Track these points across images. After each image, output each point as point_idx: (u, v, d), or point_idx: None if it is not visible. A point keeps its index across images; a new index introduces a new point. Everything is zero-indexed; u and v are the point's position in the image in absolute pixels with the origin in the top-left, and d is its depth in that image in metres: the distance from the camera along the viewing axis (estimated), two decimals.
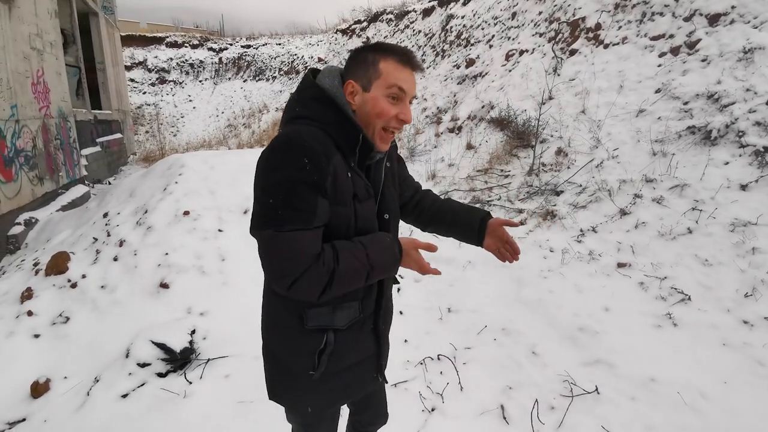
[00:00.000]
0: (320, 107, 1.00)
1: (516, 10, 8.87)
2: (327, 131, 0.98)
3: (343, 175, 0.97)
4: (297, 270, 0.90)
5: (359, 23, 16.07)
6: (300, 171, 0.90)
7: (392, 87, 0.98)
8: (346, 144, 0.99)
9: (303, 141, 0.92)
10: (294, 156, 0.90)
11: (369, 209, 1.05)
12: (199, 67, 19.93)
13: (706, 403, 2.17)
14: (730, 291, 2.93)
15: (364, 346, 1.17)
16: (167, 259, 3.24)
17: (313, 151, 0.91)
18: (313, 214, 0.92)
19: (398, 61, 0.99)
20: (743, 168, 3.72)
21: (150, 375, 2.32)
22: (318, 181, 0.91)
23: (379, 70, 0.98)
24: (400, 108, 1.00)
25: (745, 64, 4.44)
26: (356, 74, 1.01)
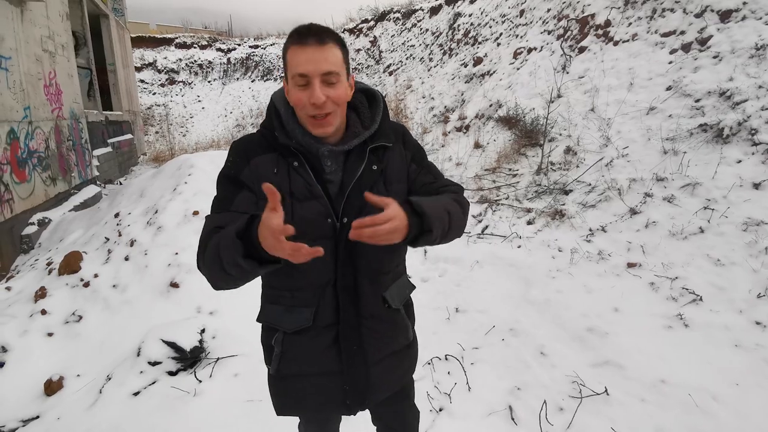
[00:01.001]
0: (267, 114, 1.09)
1: (524, 8, 8.80)
2: (264, 134, 1.06)
3: (266, 171, 1.00)
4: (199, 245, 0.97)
5: (366, 22, 16.07)
6: (225, 166, 1.04)
7: (294, 76, 0.94)
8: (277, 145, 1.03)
9: (236, 143, 1.07)
10: (227, 155, 1.06)
11: (312, 210, 0.99)
12: (207, 67, 20.09)
13: (718, 405, 2.14)
14: (743, 291, 2.89)
15: (320, 359, 1.09)
16: (177, 259, 3.28)
17: (236, 150, 1.05)
18: (230, 200, 0.99)
19: (295, 44, 0.94)
20: (756, 166, 3.65)
21: (161, 373, 2.35)
22: (233, 174, 1.01)
23: (287, 62, 0.97)
24: (309, 93, 0.94)
25: (757, 60, 4.36)
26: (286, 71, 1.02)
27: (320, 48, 0.93)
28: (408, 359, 1.22)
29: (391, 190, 1.06)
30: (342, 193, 1.02)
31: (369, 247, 0.97)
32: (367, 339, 1.09)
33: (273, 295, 1.10)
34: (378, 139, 1.06)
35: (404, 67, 12.53)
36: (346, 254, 1.02)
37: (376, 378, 1.13)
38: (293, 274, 1.03)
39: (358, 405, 1.14)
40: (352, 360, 1.09)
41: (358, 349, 1.09)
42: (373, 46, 14.87)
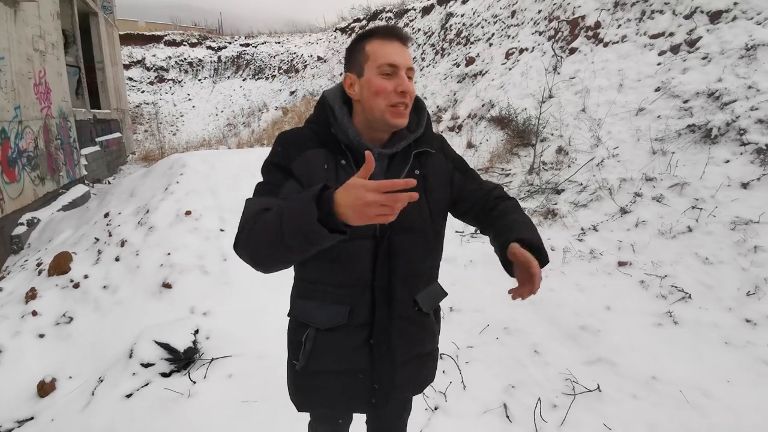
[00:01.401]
0: (317, 110, 1.10)
1: (515, 9, 8.86)
2: (315, 131, 1.06)
3: (317, 165, 1.01)
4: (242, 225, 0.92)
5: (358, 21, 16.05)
6: (273, 155, 1.03)
7: (381, 65, 0.98)
8: (328, 142, 1.04)
9: (286, 134, 1.06)
10: (274, 146, 1.05)
11: None
12: (198, 65, 19.90)
13: (709, 401, 2.18)
14: (732, 290, 2.95)
15: (351, 357, 1.09)
16: (169, 259, 3.25)
17: (286, 141, 1.04)
18: (279, 187, 0.98)
19: (382, 38, 1.00)
20: (744, 166, 3.72)
21: (154, 375, 2.32)
22: (283, 163, 1.01)
23: (366, 53, 1.00)
24: (395, 81, 0.98)
25: (747, 61, 4.44)
26: (351, 66, 1.04)
27: (403, 46, 1.02)
28: (432, 363, 1.24)
29: (431, 198, 1.09)
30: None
31: (406, 249, 1.06)
32: (396, 340, 1.10)
33: (308, 290, 1.09)
34: (422, 144, 1.09)
35: None
36: (384, 255, 1.04)
37: (402, 379, 1.14)
38: (334, 270, 1.04)
39: (383, 404, 1.14)
40: (382, 359, 1.10)
41: (387, 349, 1.10)
42: None
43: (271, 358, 2.61)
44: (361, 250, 1.03)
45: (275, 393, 2.30)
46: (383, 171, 1.05)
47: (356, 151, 1.03)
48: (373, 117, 1.01)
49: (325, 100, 1.09)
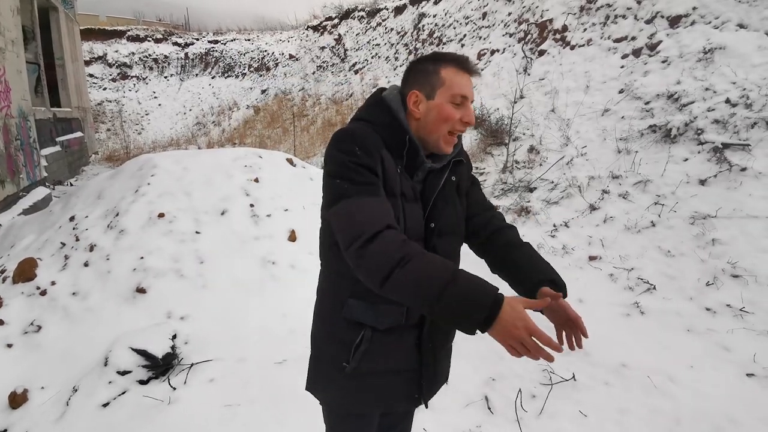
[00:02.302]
0: (376, 110, 1.09)
1: (486, 11, 9.05)
2: (377, 131, 1.05)
3: (391, 167, 1.02)
4: (371, 230, 0.90)
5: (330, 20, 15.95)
6: (353, 156, 0.98)
7: (455, 95, 1.03)
8: (393, 144, 1.05)
9: (354, 133, 1.02)
10: (347, 146, 1.00)
11: (415, 212, 1.06)
12: (163, 62, 19.26)
13: (675, 386, 2.32)
14: (692, 280, 3.13)
15: (402, 357, 1.12)
16: (143, 263, 3.15)
17: (363, 141, 1.00)
18: (377, 187, 0.97)
19: (458, 68, 1.04)
20: (702, 164, 3.96)
21: (131, 383, 2.26)
22: (370, 164, 0.98)
23: (441, 78, 1.03)
24: (463, 112, 1.04)
25: (704, 64, 4.71)
26: (419, 84, 1.06)
27: (472, 79, 1.07)
28: (451, 353, 1.31)
29: (462, 203, 1.18)
30: (427, 199, 1.09)
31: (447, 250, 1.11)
32: (436, 336, 1.15)
33: (363, 290, 1.04)
34: (459, 155, 1.16)
35: (370, 65, 12.55)
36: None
37: (440, 372, 1.21)
38: None
39: (426, 398, 1.19)
40: (428, 357, 1.14)
41: (431, 347, 1.14)
42: (338, 44, 14.79)
43: (252, 361, 2.59)
44: None
45: (258, 396, 2.28)
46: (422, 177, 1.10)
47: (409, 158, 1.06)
48: (428, 138, 1.06)
49: (387, 103, 1.09)
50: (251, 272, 3.29)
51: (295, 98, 14.05)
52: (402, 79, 1.13)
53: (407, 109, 1.09)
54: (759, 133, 3.85)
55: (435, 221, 1.09)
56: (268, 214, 3.79)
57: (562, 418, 2.18)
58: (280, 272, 3.37)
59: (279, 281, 3.29)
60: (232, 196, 3.85)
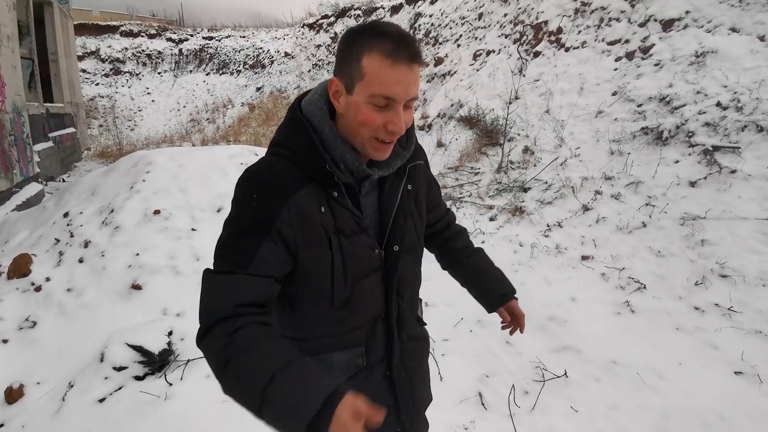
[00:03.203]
0: (292, 132, 0.87)
1: (482, 11, 9.09)
2: (295, 161, 0.84)
3: (311, 210, 0.82)
4: (204, 323, 0.77)
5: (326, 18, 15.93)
6: (245, 207, 0.81)
7: (375, 96, 0.78)
8: (317, 173, 0.84)
9: (256, 174, 0.83)
10: (245, 190, 0.82)
11: (361, 244, 0.88)
12: (157, 58, 19.11)
13: (664, 383, 2.37)
14: (682, 280, 3.19)
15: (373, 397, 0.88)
16: (138, 260, 3.16)
17: (264, 185, 0.81)
18: (250, 257, 0.78)
19: (385, 56, 0.76)
20: (692, 166, 4.03)
21: (127, 378, 2.27)
22: (265, 220, 0.79)
23: (362, 69, 0.78)
24: (388, 116, 0.80)
25: (696, 67, 4.79)
26: (341, 69, 0.82)
27: (411, 69, 0.79)
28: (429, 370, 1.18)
29: (420, 211, 1.02)
30: (384, 218, 0.93)
31: (408, 270, 0.98)
32: (409, 363, 1.03)
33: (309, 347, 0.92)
34: (414, 158, 0.98)
35: None
36: (393, 284, 0.95)
37: (420, 399, 1.09)
38: (343, 317, 0.91)
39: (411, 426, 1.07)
40: (403, 389, 1.02)
41: (405, 376, 1.02)
42: (334, 42, 14.78)
43: None
44: (373, 286, 0.93)
45: None
46: (374, 190, 0.94)
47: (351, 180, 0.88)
48: (354, 141, 0.86)
49: (306, 120, 0.86)
50: None
51: (290, 96, 14.02)
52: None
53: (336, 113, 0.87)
54: (749, 136, 3.92)
55: (399, 243, 0.94)
56: None
57: (554, 413, 2.22)
58: None
59: None
60: (228, 194, 3.83)
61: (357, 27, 0.82)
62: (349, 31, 0.83)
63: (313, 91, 0.91)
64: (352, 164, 0.86)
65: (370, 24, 0.81)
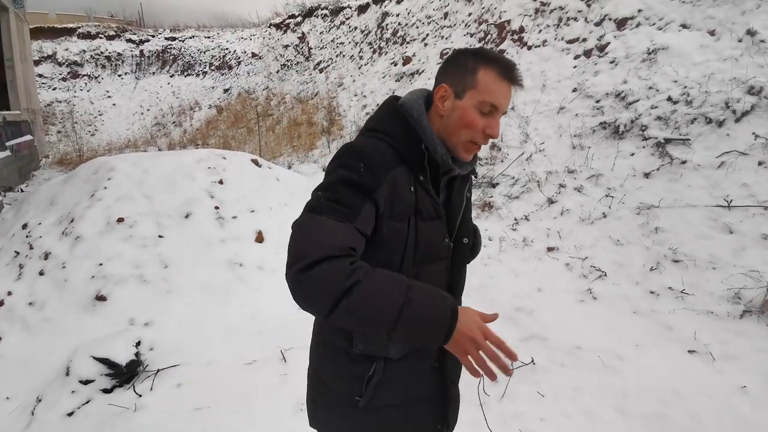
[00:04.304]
0: (390, 121, 0.99)
1: (448, 11, 9.23)
2: (392, 145, 0.96)
3: (403, 187, 0.93)
4: (318, 253, 0.79)
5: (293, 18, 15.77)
6: (353, 172, 0.89)
7: (485, 103, 0.92)
8: (411, 156, 0.95)
9: (362, 148, 0.92)
10: (351, 160, 0.91)
11: (435, 230, 0.97)
12: (117, 60, 18.45)
13: (622, 363, 2.51)
14: (638, 266, 3.37)
15: (421, 385, 1.03)
16: (102, 270, 3.08)
17: (371, 158, 0.90)
18: (356, 212, 0.86)
19: (498, 74, 0.92)
20: (646, 158, 4.24)
21: (95, 391, 2.23)
22: (369, 185, 0.88)
23: (476, 80, 0.92)
24: (488, 122, 0.94)
25: (648, 64, 5.02)
26: (451, 78, 0.96)
27: (511, 89, 0.95)
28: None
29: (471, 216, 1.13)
30: (452, 215, 1.03)
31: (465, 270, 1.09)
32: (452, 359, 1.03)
33: None
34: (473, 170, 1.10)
35: (335, 64, 12.52)
36: (456, 277, 1.04)
37: (456, 396, 1.12)
38: None
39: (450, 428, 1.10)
40: (446, 382, 1.06)
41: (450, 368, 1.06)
42: (302, 42, 14.66)
43: (221, 363, 2.59)
44: (437, 274, 1.00)
45: (228, 398, 2.29)
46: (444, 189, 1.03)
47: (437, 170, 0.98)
48: (447, 140, 0.97)
49: (405, 112, 0.99)
50: (218, 275, 3.27)
51: (259, 97, 13.82)
52: (440, 67, 1.01)
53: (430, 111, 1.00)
54: (698, 128, 4.16)
55: (467, 236, 1.05)
56: (234, 216, 3.77)
57: (522, 399, 2.32)
58: (247, 274, 3.36)
59: (247, 283, 3.29)
60: (196, 199, 3.79)
61: (471, 48, 0.99)
62: (463, 50, 0.99)
63: (410, 93, 1.03)
64: (441, 156, 0.96)
65: (482, 48, 0.98)
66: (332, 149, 8.37)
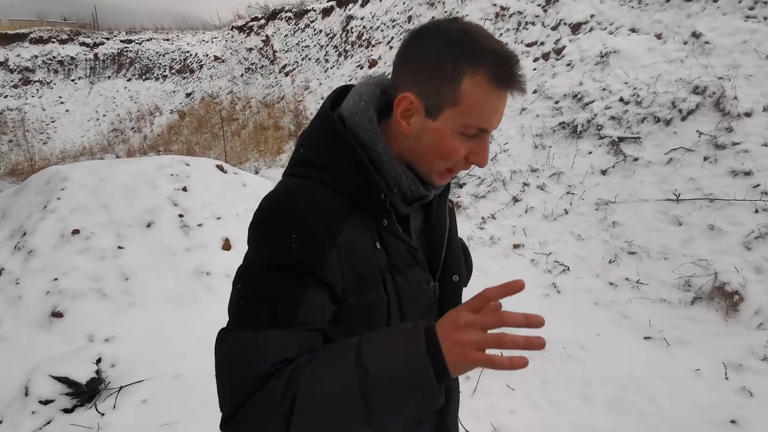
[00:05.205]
0: (330, 149, 0.68)
1: (411, 14, 9.35)
2: (336, 187, 0.67)
3: (364, 246, 0.67)
4: (238, 397, 0.58)
5: (257, 20, 15.53)
6: (281, 249, 0.62)
7: (470, 126, 0.65)
8: (366, 202, 0.68)
9: (293, 207, 0.64)
10: (278, 228, 0.63)
11: (416, 279, 0.74)
12: (70, 64, 17.58)
13: (585, 353, 2.63)
14: (598, 259, 3.53)
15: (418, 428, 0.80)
16: (57, 285, 2.95)
17: (305, 221, 0.63)
18: (295, 308, 0.61)
19: (492, 80, 0.62)
20: (603, 156, 4.45)
21: (55, 412, 2.14)
22: (309, 264, 0.62)
23: (460, 94, 0.63)
24: (473, 146, 0.67)
25: (601, 66, 5.27)
26: (420, 84, 0.65)
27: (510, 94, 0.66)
28: None
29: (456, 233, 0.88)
30: (434, 244, 0.79)
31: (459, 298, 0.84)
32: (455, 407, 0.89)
33: None
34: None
35: (300, 67, 12.42)
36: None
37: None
38: None
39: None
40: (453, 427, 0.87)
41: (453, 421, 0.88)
42: (266, 45, 14.45)
43: (189, 376, 2.53)
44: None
45: (197, 411, 2.24)
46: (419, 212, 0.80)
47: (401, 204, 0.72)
48: (414, 165, 0.70)
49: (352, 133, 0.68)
50: (184, 285, 3.19)
51: (223, 102, 13.51)
52: (396, 57, 0.69)
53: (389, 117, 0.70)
54: (648, 127, 4.39)
55: (457, 271, 0.82)
56: (200, 224, 3.68)
57: (493, 394, 2.38)
58: (215, 283, 3.29)
59: (215, 292, 3.22)
60: (159, 207, 3.68)
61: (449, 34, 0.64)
62: (439, 36, 0.64)
63: (355, 94, 0.71)
64: (408, 187, 0.70)
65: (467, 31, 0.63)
66: None
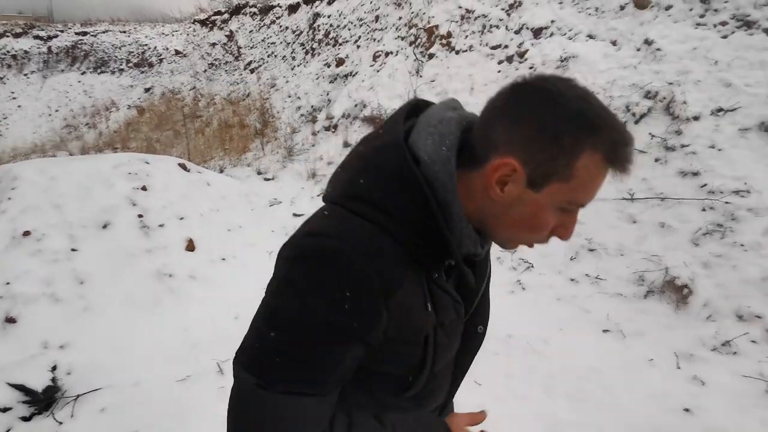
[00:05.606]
0: (401, 194, 0.59)
1: (378, 14, 9.37)
2: (396, 236, 0.59)
3: (414, 306, 0.61)
4: None
5: (220, 14, 15.10)
6: (332, 308, 0.55)
7: (573, 201, 0.61)
8: (425, 255, 0.63)
9: (352, 258, 0.56)
10: (332, 280, 0.55)
11: (454, 332, 0.71)
12: (23, 58, 16.54)
13: (548, 347, 2.73)
14: (561, 256, 3.67)
15: None
16: (9, 290, 2.78)
17: (362, 282, 0.56)
18: (331, 373, 0.57)
19: (608, 160, 0.58)
20: None
21: (14, 420, 2.06)
22: (359, 330, 0.57)
23: (573, 170, 0.58)
24: (563, 220, 0.64)
25: (562, 71, 5.47)
26: (529, 152, 0.58)
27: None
28: None
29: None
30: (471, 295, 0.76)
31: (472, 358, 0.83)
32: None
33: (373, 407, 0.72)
34: None
35: (267, 64, 12.18)
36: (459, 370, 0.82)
37: None
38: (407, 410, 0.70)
39: None
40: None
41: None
42: (230, 41, 14.08)
43: (149, 382, 2.44)
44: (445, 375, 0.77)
45: (159, 418, 2.17)
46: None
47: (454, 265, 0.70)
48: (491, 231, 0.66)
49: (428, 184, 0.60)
50: (144, 288, 3.07)
51: (186, 98, 13.05)
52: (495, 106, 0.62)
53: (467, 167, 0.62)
54: None
55: (483, 322, 0.81)
56: (161, 224, 3.56)
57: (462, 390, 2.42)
58: (178, 284, 3.19)
59: (178, 294, 3.12)
60: (116, 207, 3.53)
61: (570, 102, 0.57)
62: (560, 103, 0.57)
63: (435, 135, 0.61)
64: (468, 249, 0.65)
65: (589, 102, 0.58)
66: (266, 152, 8.16)
